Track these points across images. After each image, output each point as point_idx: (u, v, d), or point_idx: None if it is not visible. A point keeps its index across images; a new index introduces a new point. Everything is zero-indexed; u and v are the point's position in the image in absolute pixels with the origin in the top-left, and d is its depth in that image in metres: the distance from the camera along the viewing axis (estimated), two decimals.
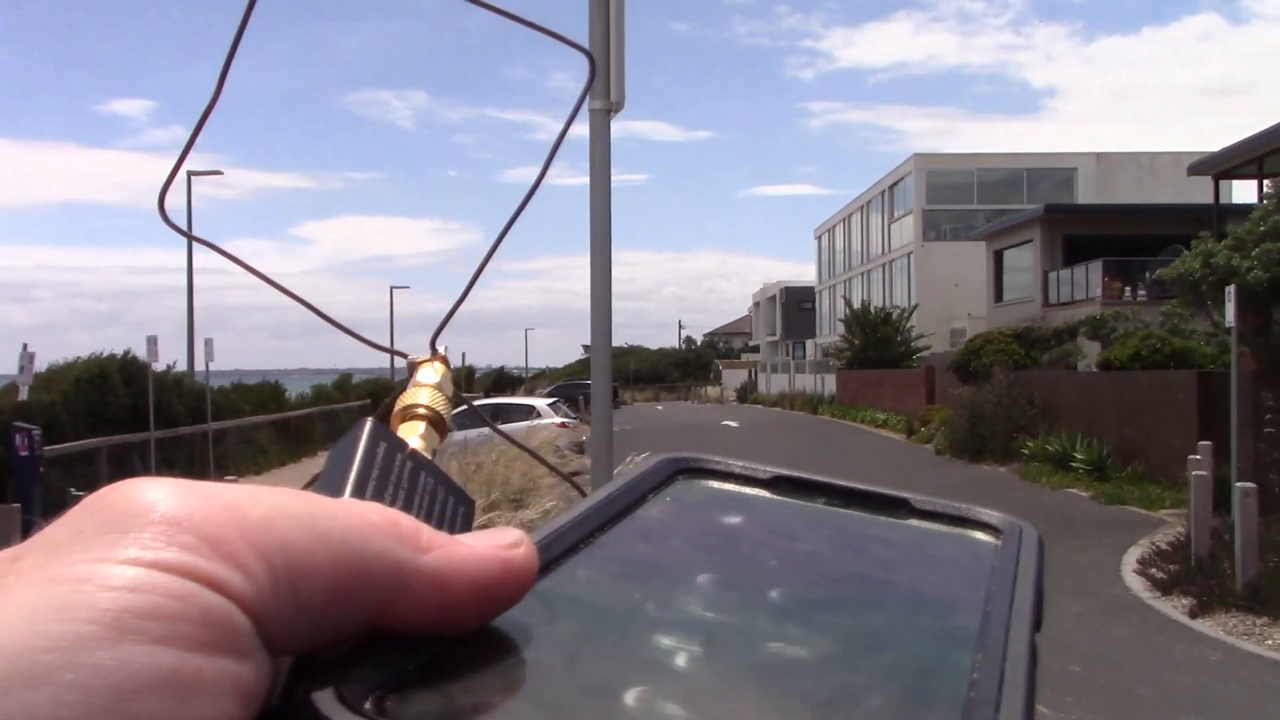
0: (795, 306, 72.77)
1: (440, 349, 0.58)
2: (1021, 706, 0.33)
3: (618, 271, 4.88)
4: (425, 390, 0.54)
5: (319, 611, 0.30)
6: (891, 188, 50.70)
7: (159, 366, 22.85)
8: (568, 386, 51.60)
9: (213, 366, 24.53)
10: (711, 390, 74.97)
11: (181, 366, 27.42)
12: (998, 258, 37.61)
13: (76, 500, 0.31)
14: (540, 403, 26.64)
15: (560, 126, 0.64)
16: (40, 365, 20.66)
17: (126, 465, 20.59)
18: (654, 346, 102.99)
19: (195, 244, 0.64)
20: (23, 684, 0.25)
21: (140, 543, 0.28)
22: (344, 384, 40.09)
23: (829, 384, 48.08)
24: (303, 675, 0.30)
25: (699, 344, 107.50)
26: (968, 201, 47.00)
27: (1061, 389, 21.53)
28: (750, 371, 74.34)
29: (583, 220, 4.74)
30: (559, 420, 23.43)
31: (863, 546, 0.44)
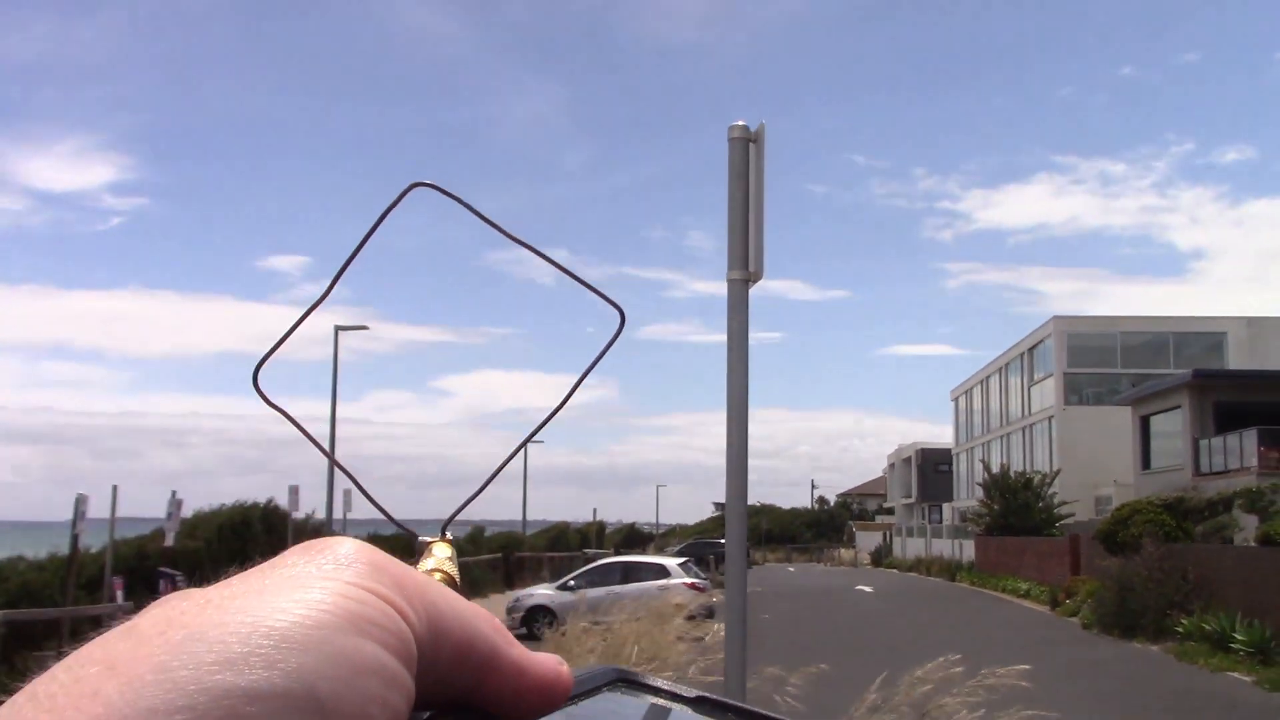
0: (932, 468, 71.22)
1: (448, 535, 0.63)
2: None
3: (751, 429, 4.82)
4: (440, 560, 0.59)
5: (444, 666, 0.39)
6: (1031, 350, 49.80)
7: (299, 515, 23.40)
8: (698, 545, 51.02)
9: (350, 516, 25.02)
10: (845, 553, 73.36)
11: (321, 515, 28.01)
12: (1144, 423, 36.37)
13: None
14: (670, 562, 26.26)
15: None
16: (188, 511, 21.36)
17: None
18: (786, 505, 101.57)
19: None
20: (298, 648, 0.34)
21: (359, 573, 0.38)
22: (476, 537, 40.35)
23: (967, 550, 46.59)
24: None
25: (832, 504, 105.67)
26: (1111, 365, 45.82)
27: (1218, 564, 20.43)
28: (885, 534, 72.60)
29: (717, 377, 4.73)
30: (689, 581, 23.06)
31: None
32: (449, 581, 0.59)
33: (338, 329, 30.08)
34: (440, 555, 0.62)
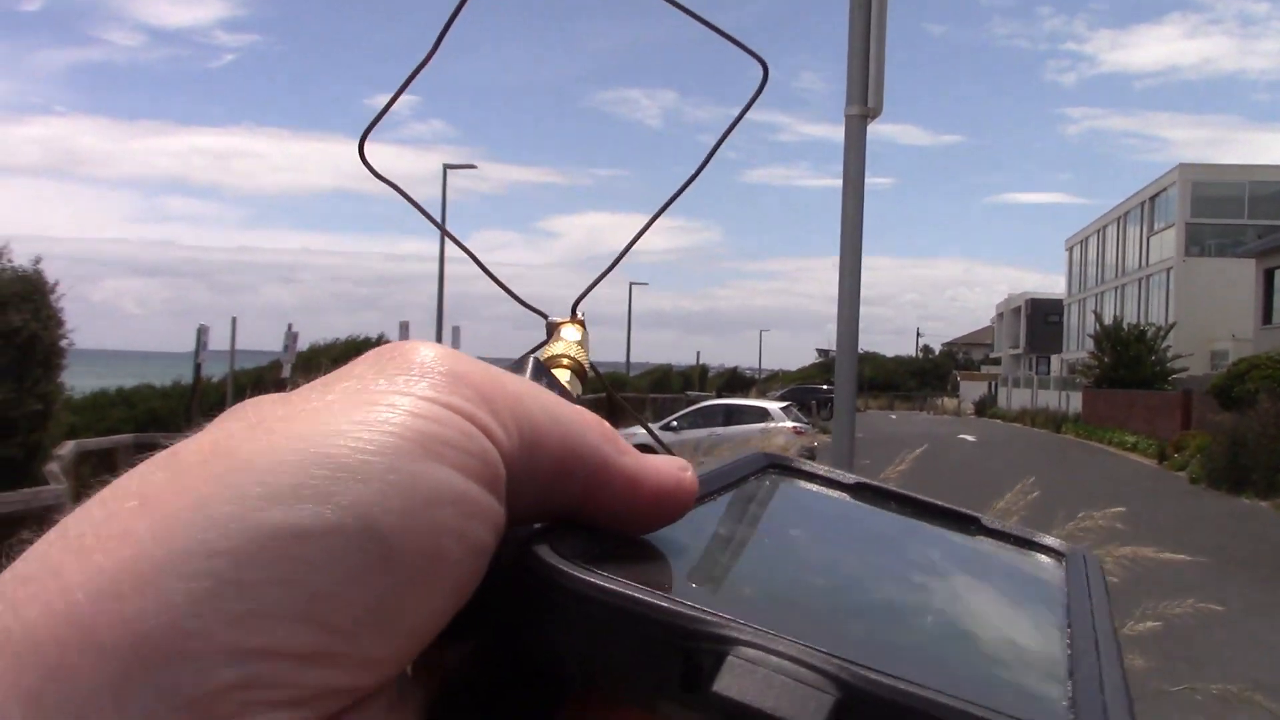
0: (1041, 319, 69.99)
1: (580, 314, 0.60)
2: (1122, 688, 0.34)
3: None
4: (569, 344, 0.57)
5: (543, 483, 0.35)
6: (1152, 199, 48.09)
7: None
8: (800, 390, 51.17)
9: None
10: (948, 402, 73.04)
11: None
12: (1268, 277, 35.09)
13: None
14: (773, 406, 26.49)
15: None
16: (302, 345, 22.06)
17: None
18: (890, 354, 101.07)
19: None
20: (355, 478, 0.29)
21: (436, 386, 0.33)
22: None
23: (1074, 402, 46.03)
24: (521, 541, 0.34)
25: (936, 353, 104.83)
26: (1237, 216, 44.10)
27: None
28: (990, 385, 71.99)
29: (824, 223, 4.71)
30: (791, 425, 23.25)
31: (937, 559, 0.46)
32: (576, 369, 0.57)
33: (446, 167, 30.25)
34: (569, 339, 0.58)
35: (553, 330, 0.59)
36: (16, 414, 9.93)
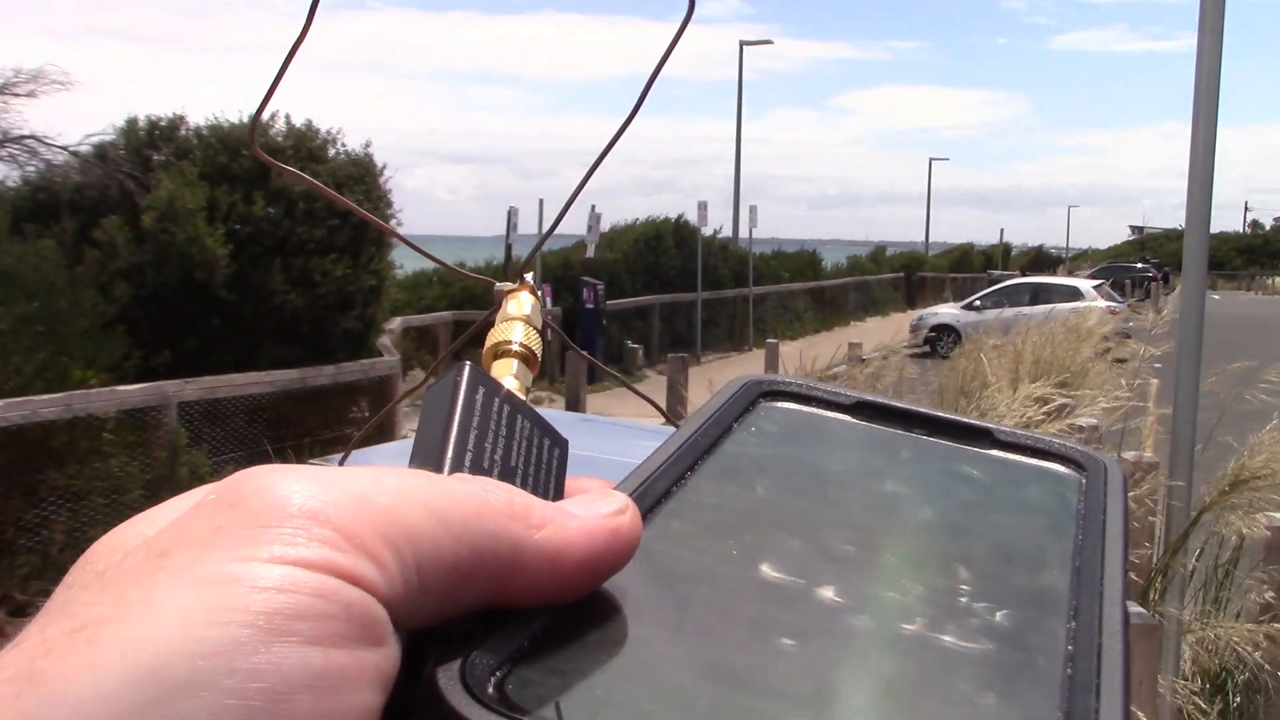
0: None
1: (527, 278, 0.56)
2: (1120, 688, 0.31)
3: (1170, 146, 4.41)
4: (516, 325, 0.52)
5: (442, 593, 0.31)
6: None
7: (707, 231, 24.18)
8: (1112, 268, 48.41)
9: (755, 234, 25.58)
10: (1279, 281, 67.24)
11: (727, 232, 28.85)
12: None
13: (632, 352, 0.28)
14: (1084, 284, 25.15)
15: None
16: (605, 225, 22.61)
17: (674, 323, 22.13)
18: (1214, 229, 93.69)
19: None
20: (184, 691, 0.25)
21: (282, 539, 0.28)
22: (878, 256, 40.27)
23: None
24: (418, 649, 0.31)
25: (1268, 229, 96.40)
26: None
27: None
28: None
29: (1143, 90, 4.31)
30: (1105, 304, 22.04)
31: (946, 486, 0.43)
32: (525, 355, 0.52)
33: (742, 44, 29.95)
34: (518, 312, 0.53)
35: (500, 299, 0.55)
36: (354, 289, 10.71)
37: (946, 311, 24.33)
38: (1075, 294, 23.31)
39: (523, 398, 0.45)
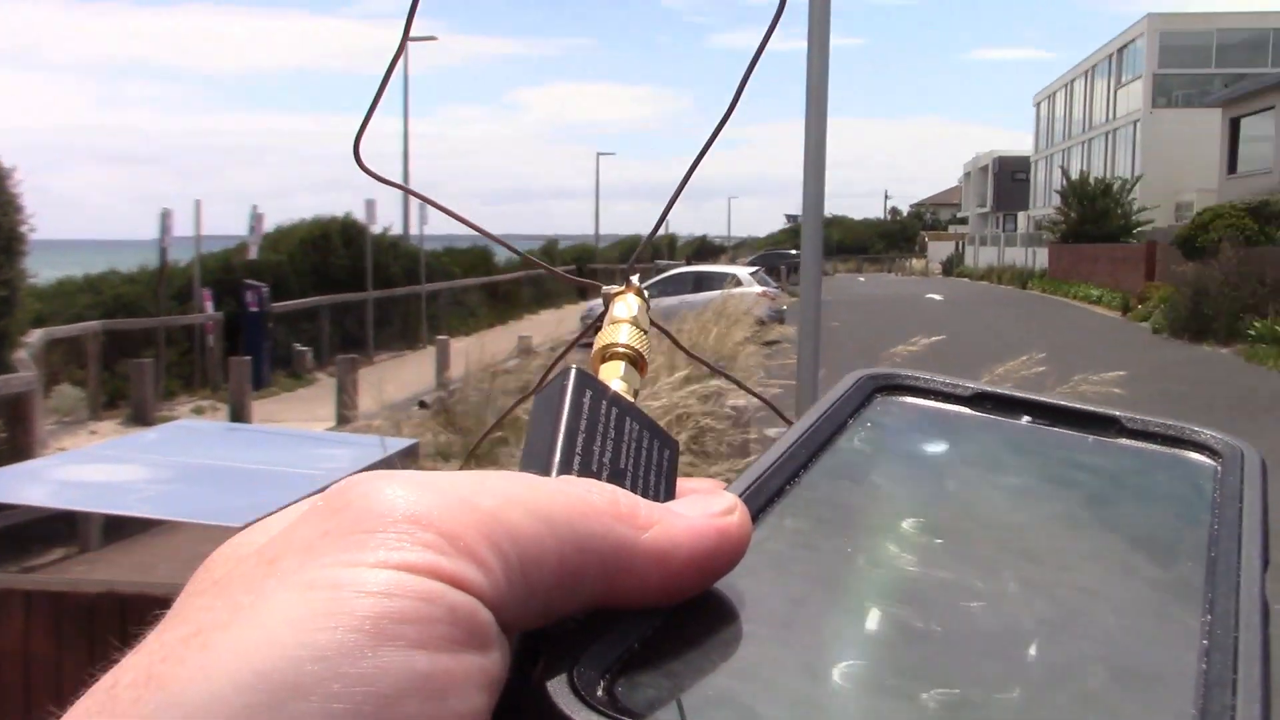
0: (1008, 177, 69.80)
1: (634, 280, 0.54)
2: (1259, 684, 0.30)
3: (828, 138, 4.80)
4: (624, 327, 0.51)
5: (548, 594, 0.31)
6: (1120, 50, 47.64)
7: (376, 229, 23.81)
8: (770, 255, 51.31)
9: (426, 230, 25.43)
10: (916, 263, 73.32)
11: (397, 230, 28.50)
12: (1234, 126, 35.05)
13: (300, 356, 0.27)
14: (741, 271, 26.52)
15: None
16: (268, 226, 21.84)
17: (344, 324, 21.68)
18: (858, 216, 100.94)
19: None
20: (293, 695, 0.26)
21: (387, 544, 0.29)
22: (550, 249, 40.94)
23: (1040, 258, 46.33)
24: (531, 650, 0.30)
25: (905, 215, 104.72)
26: (1204, 65, 43.80)
27: None
28: (957, 244, 72.22)
29: (792, 86, 4.67)
30: (760, 289, 23.36)
31: (1074, 478, 0.42)
32: (632, 356, 0.50)
33: (408, 40, 29.58)
34: (625, 314, 0.52)
35: (608, 301, 0.54)
36: None
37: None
38: (735, 281, 24.53)
39: (631, 399, 0.45)
